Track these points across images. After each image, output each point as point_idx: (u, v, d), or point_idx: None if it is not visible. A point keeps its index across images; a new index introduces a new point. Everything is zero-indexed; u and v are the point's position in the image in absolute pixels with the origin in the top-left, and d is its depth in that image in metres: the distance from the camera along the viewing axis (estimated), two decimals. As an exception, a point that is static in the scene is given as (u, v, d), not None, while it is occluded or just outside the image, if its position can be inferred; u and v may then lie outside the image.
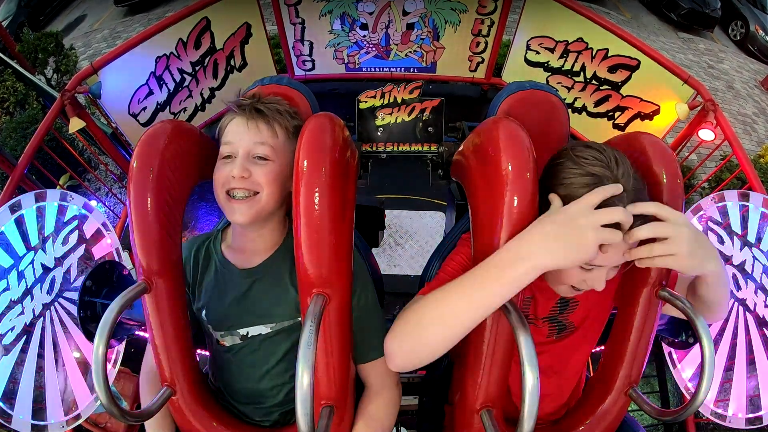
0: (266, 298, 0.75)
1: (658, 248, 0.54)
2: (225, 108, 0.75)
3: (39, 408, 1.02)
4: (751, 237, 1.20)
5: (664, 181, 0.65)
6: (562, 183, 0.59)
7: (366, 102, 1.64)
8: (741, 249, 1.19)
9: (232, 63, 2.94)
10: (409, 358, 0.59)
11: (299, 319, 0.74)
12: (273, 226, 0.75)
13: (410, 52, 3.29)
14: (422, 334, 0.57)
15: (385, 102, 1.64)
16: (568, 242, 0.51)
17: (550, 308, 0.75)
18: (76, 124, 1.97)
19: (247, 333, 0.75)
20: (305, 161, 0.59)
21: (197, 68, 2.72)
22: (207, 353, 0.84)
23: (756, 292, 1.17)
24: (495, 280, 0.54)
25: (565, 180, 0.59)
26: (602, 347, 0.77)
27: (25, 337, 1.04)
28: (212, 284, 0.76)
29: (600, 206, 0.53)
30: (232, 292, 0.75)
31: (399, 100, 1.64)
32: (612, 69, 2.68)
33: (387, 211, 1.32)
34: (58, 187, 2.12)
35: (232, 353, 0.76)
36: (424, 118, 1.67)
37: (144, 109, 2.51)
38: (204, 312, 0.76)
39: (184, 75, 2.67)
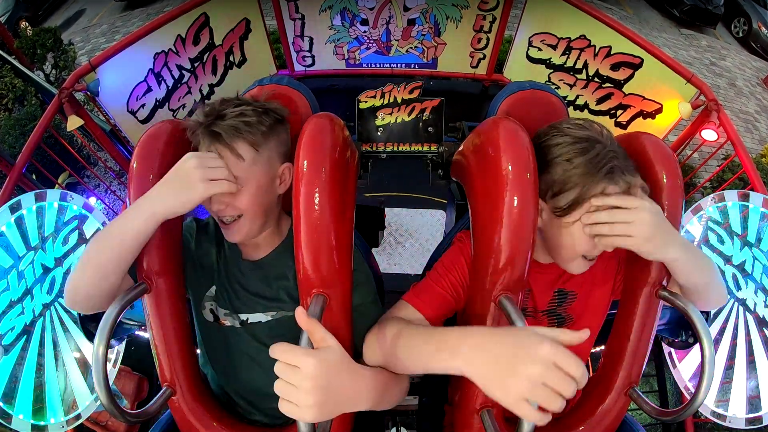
0: (268, 287, 0.75)
1: (618, 228, 0.59)
2: None
3: (39, 408, 1.02)
4: (751, 237, 1.20)
5: (665, 181, 0.65)
6: (554, 157, 0.63)
7: (366, 102, 1.64)
8: (741, 249, 1.19)
9: (231, 59, 2.92)
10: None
11: None
12: (271, 229, 0.76)
13: (411, 48, 3.27)
14: (390, 360, 0.61)
15: (385, 102, 1.63)
16: (505, 373, 0.46)
17: (549, 300, 0.76)
18: (74, 122, 1.96)
19: (247, 319, 0.75)
20: (305, 161, 0.58)
21: (196, 64, 2.70)
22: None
23: (756, 292, 1.17)
24: (443, 360, 0.53)
25: (556, 151, 0.63)
26: (602, 347, 0.77)
27: (25, 337, 1.04)
28: (223, 264, 0.77)
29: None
30: (237, 277, 0.76)
31: (399, 100, 1.63)
32: (614, 67, 2.66)
33: (387, 210, 1.32)
34: (57, 185, 2.11)
35: (232, 338, 0.76)
36: (424, 118, 1.66)
37: (143, 106, 2.49)
38: (214, 289, 0.77)
39: (183, 71, 2.65)
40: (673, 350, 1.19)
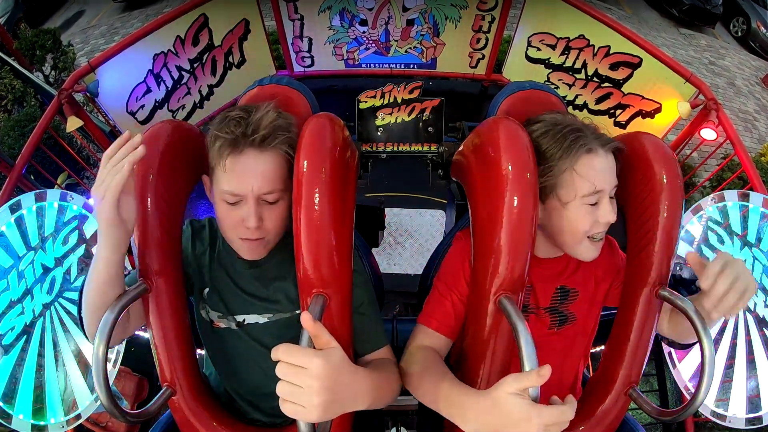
0: (264, 288, 0.75)
1: (747, 294, 0.59)
2: (223, 106, 0.73)
3: (39, 408, 1.02)
4: (751, 237, 1.20)
5: (665, 181, 0.65)
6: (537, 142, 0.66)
7: (366, 102, 1.64)
8: (741, 249, 1.19)
9: (230, 60, 2.92)
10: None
11: (297, 312, 0.74)
12: None
13: (410, 48, 3.27)
14: (412, 383, 0.68)
15: (385, 102, 1.64)
16: None
17: (551, 297, 0.76)
18: (73, 123, 1.96)
19: (244, 320, 0.75)
20: (305, 161, 0.58)
21: (195, 65, 2.70)
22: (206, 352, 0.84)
23: (756, 292, 1.17)
24: (457, 415, 0.57)
25: (539, 138, 0.66)
26: (602, 347, 0.77)
27: (25, 337, 1.04)
28: (216, 266, 0.77)
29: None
30: (232, 278, 0.76)
31: (399, 100, 1.64)
32: (613, 66, 2.67)
33: (387, 210, 1.32)
34: (56, 186, 2.11)
35: (229, 340, 0.76)
36: (424, 118, 1.67)
37: (142, 107, 2.49)
38: (206, 291, 0.76)
39: (182, 72, 2.65)
40: (673, 350, 1.19)
